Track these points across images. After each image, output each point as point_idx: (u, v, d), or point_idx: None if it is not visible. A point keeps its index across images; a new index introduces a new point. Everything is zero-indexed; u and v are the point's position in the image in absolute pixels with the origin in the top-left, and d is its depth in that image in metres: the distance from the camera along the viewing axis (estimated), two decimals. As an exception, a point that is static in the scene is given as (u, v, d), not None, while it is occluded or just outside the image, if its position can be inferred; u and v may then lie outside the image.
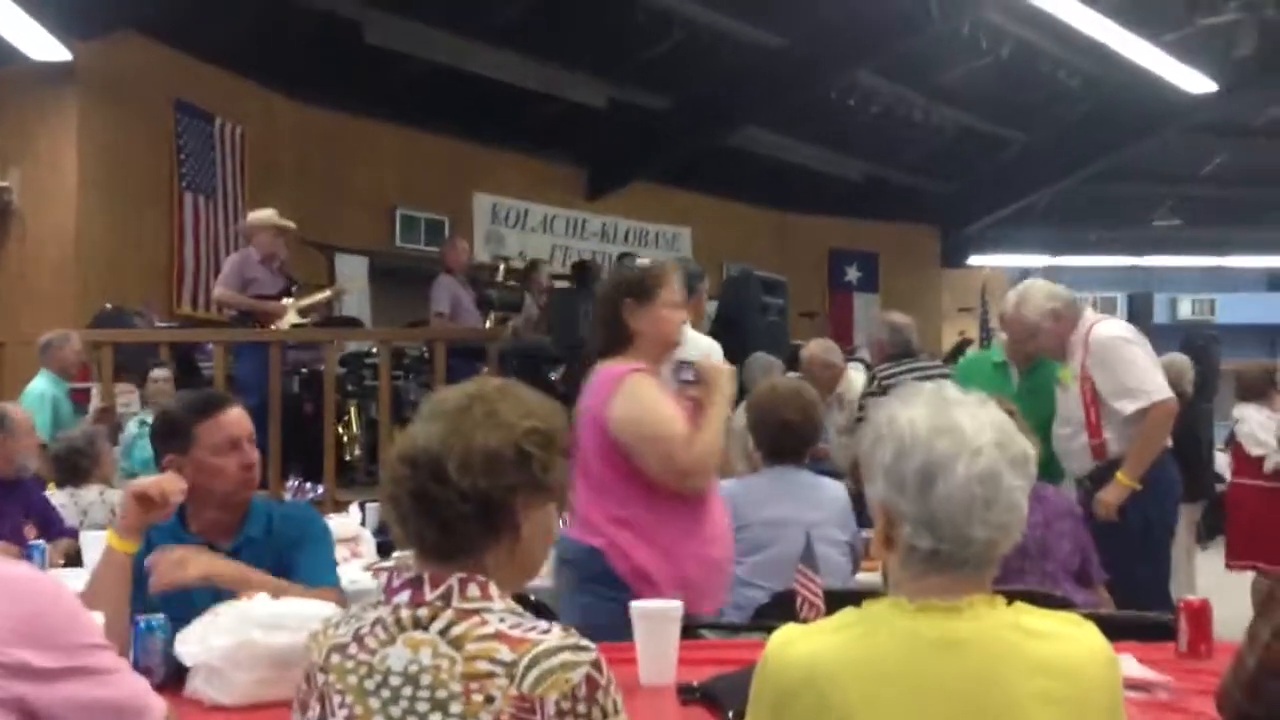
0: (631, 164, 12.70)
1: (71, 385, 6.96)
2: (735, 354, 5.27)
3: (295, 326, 7.62)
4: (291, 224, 7.73)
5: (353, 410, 7.84)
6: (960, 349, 10.31)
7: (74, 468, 4.94)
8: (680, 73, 11.26)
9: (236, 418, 2.62)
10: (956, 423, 1.51)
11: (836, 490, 3.67)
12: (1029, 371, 4.59)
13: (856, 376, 6.27)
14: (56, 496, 4.85)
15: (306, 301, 7.90)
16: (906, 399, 1.57)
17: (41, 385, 6.34)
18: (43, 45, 7.49)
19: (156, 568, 2.37)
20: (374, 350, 7.87)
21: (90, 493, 4.89)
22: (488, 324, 8.54)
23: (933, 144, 13.71)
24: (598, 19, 9.87)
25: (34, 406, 5.80)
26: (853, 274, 15.01)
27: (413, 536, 1.58)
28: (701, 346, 4.68)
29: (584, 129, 11.88)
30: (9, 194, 8.07)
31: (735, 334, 6.69)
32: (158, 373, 6.89)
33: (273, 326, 7.40)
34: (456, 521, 1.55)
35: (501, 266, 10.28)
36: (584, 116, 11.62)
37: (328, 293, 8.46)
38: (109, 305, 7.80)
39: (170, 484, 2.45)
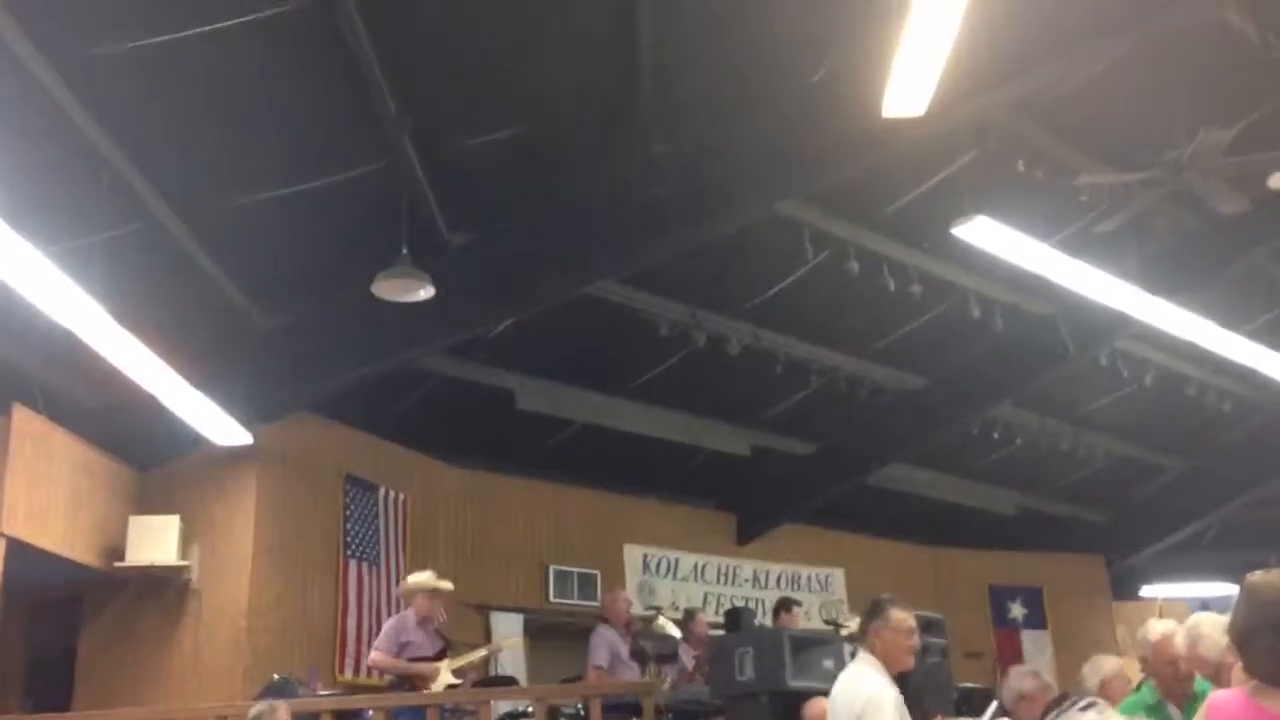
0: (779, 507, 12.76)
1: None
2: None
3: (450, 687, 7.67)
4: (449, 585, 7.93)
5: (511, 771, 7.72)
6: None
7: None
8: (821, 417, 11.49)
9: None
10: None
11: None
12: (1190, 705, 4.31)
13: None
14: None
15: (461, 662, 7.99)
16: None
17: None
18: (228, 430, 8.11)
19: None
20: (530, 709, 7.82)
21: None
22: (644, 676, 8.45)
23: (1085, 472, 13.49)
24: (737, 373, 10.26)
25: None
26: (1017, 610, 14.42)
27: None
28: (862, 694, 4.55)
29: (729, 476, 12.09)
30: (189, 573, 8.51)
31: (897, 677, 6.44)
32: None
33: (428, 688, 7.46)
34: None
35: (659, 618, 10.28)
36: (729, 464, 11.85)
37: (482, 652, 8.55)
38: (276, 676, 7.98)
39: None
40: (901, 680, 6.46)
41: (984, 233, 8.00)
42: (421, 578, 7.90)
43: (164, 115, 6.12)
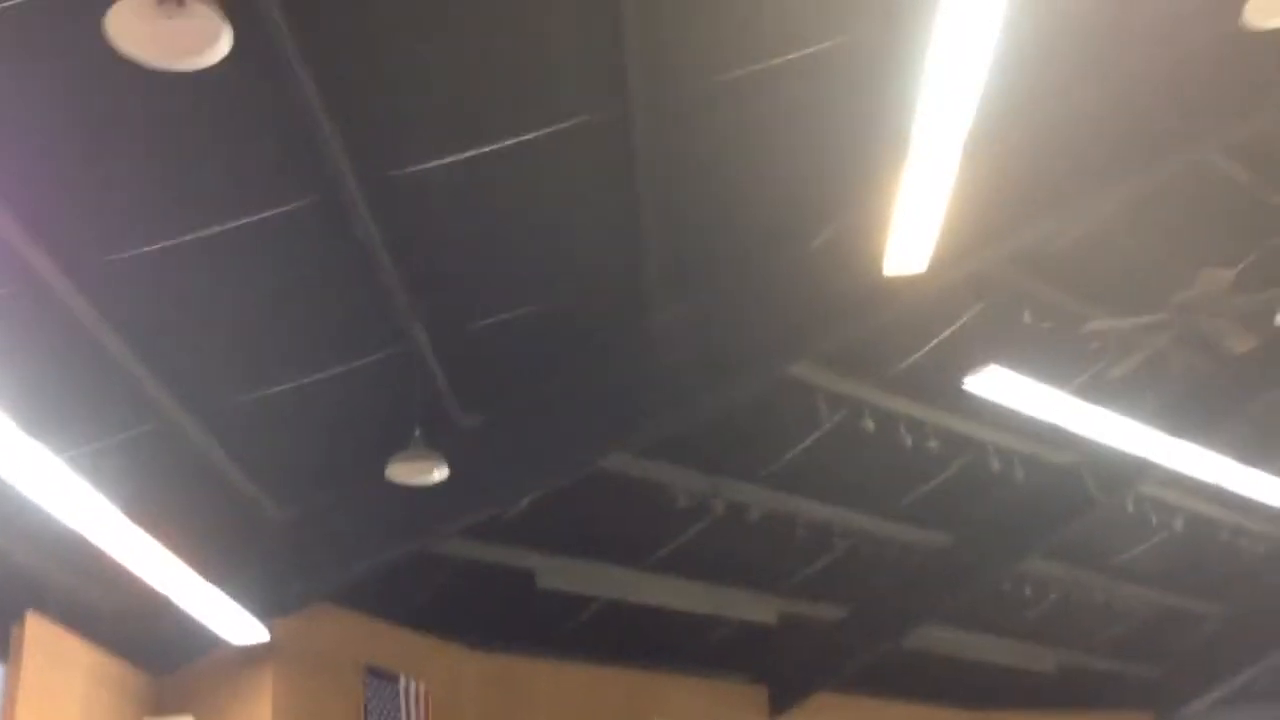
0: (811, 676, 12.40)
1: None
2: None
3: None
4: None
5: None
6: None
7: None
8: (847, 581, 11.28)
9: None
10: None
11: None
12: None
13: None
14: None
15: None
16: None
17: None
18: (243, 628, 7.96)
19: None
20: None
21: None
22: None
23: (1125, 625, 13.12)
24: (759, 539, 10.12)
25: None
26: (1067, 773, 13.83)
27: None
28: None
29: (758, 646, 11.79)
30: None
31: None
32: None
33: None
34: None
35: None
36: (756, 633, 11.57)
37: None
38: None
39: None
40: None
41: (997, 383, 7.98)
42: None
43: (173, 315, 6.19)
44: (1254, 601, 13.22)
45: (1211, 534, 11.51)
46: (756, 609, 11.54)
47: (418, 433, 7.07)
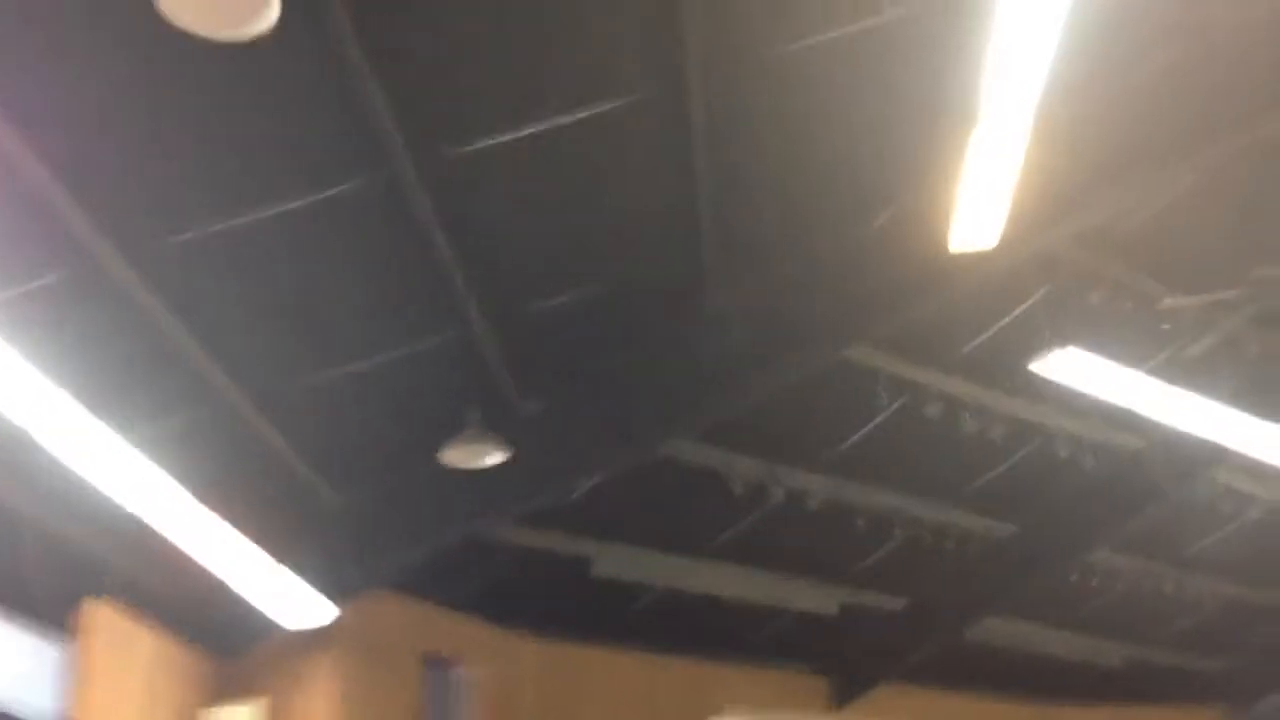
0: (873, 667, 12.23)
1: None
2: None
3: None
4: None
5: None
6: None
7: None
8: (909, 571, 11.09)
9: None
10: None
11: None
12: None
13: None
14: None
15: None
16: None
17: None
18: (302, 613, 7.96)
19: None
20: None
21: None
22: None
23: (1195, 617, 12.80)
24: (818, 528, 9.98)
25: None
26: (1135, 768, 13.53)
27: None
28: None
29: (819, 636, 11.65)
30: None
31: None
32: None
33: None
34: None
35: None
36: (817, 624, 11.43)
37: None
38: None
39: None
40: None
41: (1067, 366, 7.77)
42: None
43: (230, 297, 6.19)
44: (1330, 593, 12.84)
45: (1286, 523, 11.18)
46: (816, 599, 11.40)
47: (475, 416, 7.02)
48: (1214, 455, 9.60)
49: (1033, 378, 7.95)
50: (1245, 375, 8.78)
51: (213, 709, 8.22)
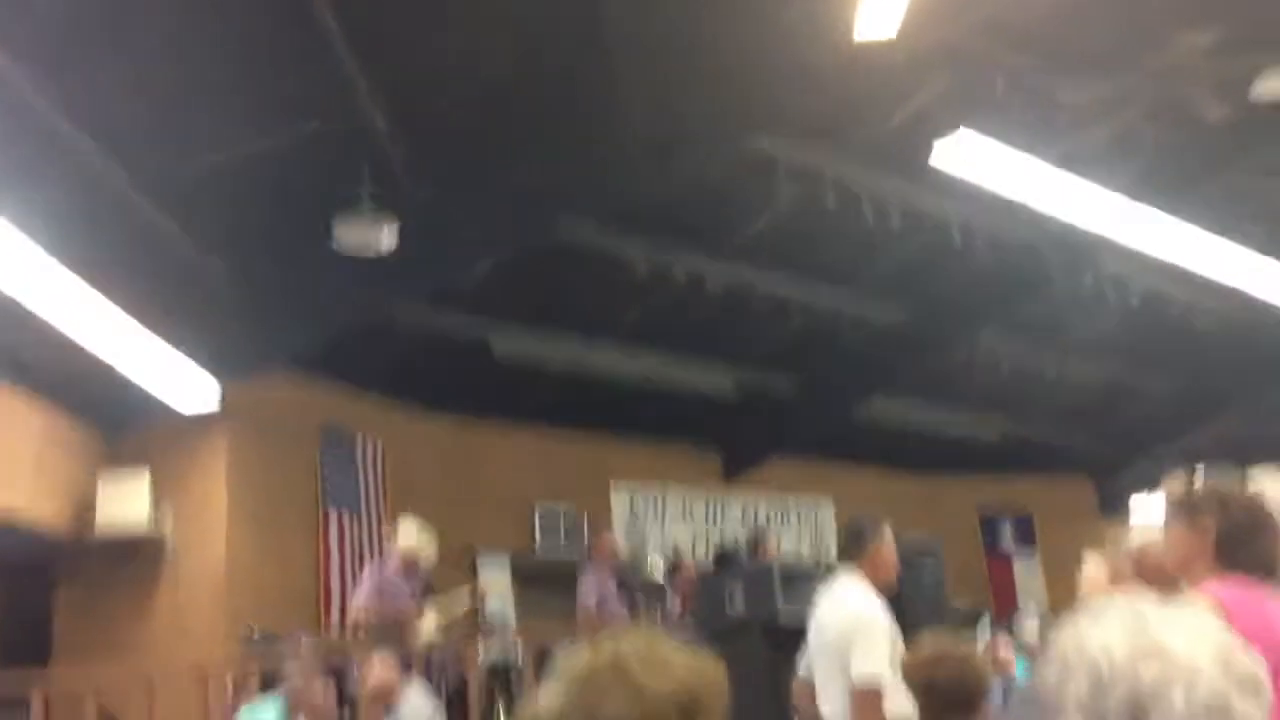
0: (765, 444, 12.67)
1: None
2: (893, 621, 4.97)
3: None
4: (431, 555, 7.76)
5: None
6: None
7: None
8: (804, 354, 11.36)
9: None
10: (1164, 642, 1.26)
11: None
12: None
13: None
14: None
15: (447, 615, 7.91)
16: (1095, 618, 1.32)
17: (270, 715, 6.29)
18: (195, 393, 7.94)
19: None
20: (519, 658, 7.76)
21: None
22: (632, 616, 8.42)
23: (1072, 396, 13.41)
24: (717, 311, 10.11)
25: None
26: (1008, 537, 14.43)
27: None
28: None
29: (714, 416, 11.97)
30: (164, 535, 8.38)
31: (891, 601, 6.41)
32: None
33: (412, 636, 7.38)
34: None
35: (648, 560, 10.24)
36: (713, 404, 11.73)
37: (466, 603, 8.47)
38: (257, 634, 7.90)
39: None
40: (895, 602, 6.40)
41: (965, 155, 7.80)
42: (408, 541, 7.72)
43: (117, 78, 5.88)
44: (1196, 377, 13.50)
45: (1165, 310, 11.60)
46: (713, 380, 11.66)
47: (367, 197, 6.88)
48: (1102, 245, 9.83)
49: (931, 168, 7.98)
50: (1141, 167, 8.91)
51: (107, 476, 8.25)
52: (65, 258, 6.17)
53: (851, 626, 4.42)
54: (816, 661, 4.61)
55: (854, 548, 4.69)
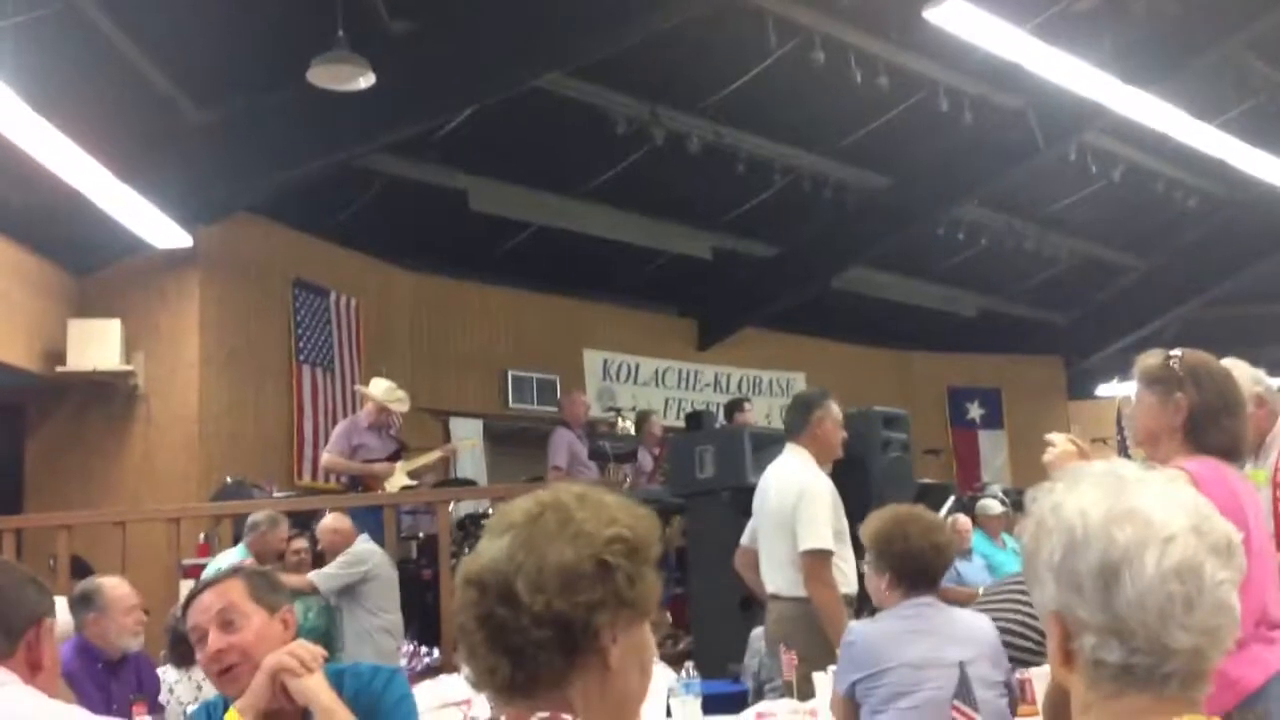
0: (740, 312, 12.65)
1: (194, 561, 7.01)
2: (858, 492, 5.04)
3: (406, 489, 7.63)
4: (403, 405, 7.75)
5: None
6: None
7: (190, 647, 4.85)
8: (783, 219, 11.27)
9: (200, 608, 2.32)
10: (1139, 506, 1.25)
11: (985, 624, 3.39)
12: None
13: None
14: (170, 674, 4.76)
15: (416, 464, 7.93)
16: (1073, 482, 1.30)
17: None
18: (166, 233, 7.78)
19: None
20: (489, 512, 7.78)
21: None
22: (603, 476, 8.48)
23: (1049, 273, 13.42)
24: (697, 173, 9.96)
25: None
26: (975, 411, 14.58)
27: (484, 673, 1.36)
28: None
29: (690, 280, 11.92)
30: (135, 379, 8.30)
31: (857, 472, 6.44)
32: (297, 544, 6.85)
33: (381, 489, 7.41)
34: (531, 650, 1.33)
35: (617, 420, 10.26)
36: (690, 268, 11.66)
37: (437, 454, 8.49)
38: (229, 480, 7.89)
39: (305, 650, 2.23)
40: (863, 473, 6.44)
41: (957, 17, 7.61)
42: (378, 391, 7.72)
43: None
44: (1174, 256, 13.53)
45: (1148, 186, 11.54)
46: (690, 243, 11.56)
47: (340, 33, 6.65)
48: (1089, 115, 9.71)
49: (922, 29, 7.79)
50: (1129, 34, 8.76)
51: (76, 321, 8.13)
52: (33, 98, 5.94)
53: (795, 498, 4.47)
54: (760, 530, 4.68)
55: (799, 421, 4.72)
